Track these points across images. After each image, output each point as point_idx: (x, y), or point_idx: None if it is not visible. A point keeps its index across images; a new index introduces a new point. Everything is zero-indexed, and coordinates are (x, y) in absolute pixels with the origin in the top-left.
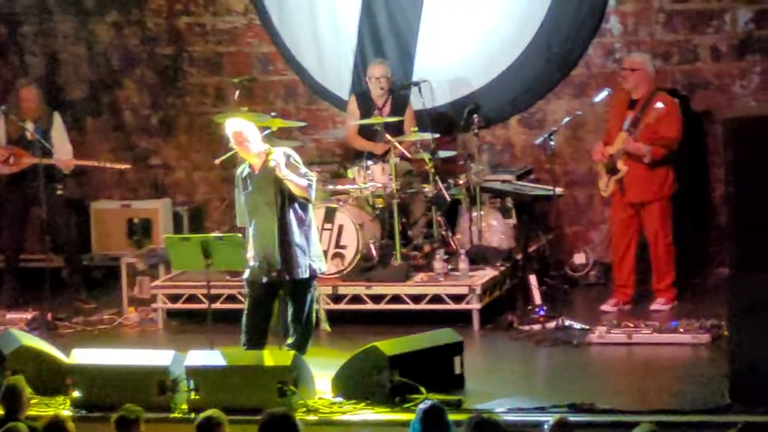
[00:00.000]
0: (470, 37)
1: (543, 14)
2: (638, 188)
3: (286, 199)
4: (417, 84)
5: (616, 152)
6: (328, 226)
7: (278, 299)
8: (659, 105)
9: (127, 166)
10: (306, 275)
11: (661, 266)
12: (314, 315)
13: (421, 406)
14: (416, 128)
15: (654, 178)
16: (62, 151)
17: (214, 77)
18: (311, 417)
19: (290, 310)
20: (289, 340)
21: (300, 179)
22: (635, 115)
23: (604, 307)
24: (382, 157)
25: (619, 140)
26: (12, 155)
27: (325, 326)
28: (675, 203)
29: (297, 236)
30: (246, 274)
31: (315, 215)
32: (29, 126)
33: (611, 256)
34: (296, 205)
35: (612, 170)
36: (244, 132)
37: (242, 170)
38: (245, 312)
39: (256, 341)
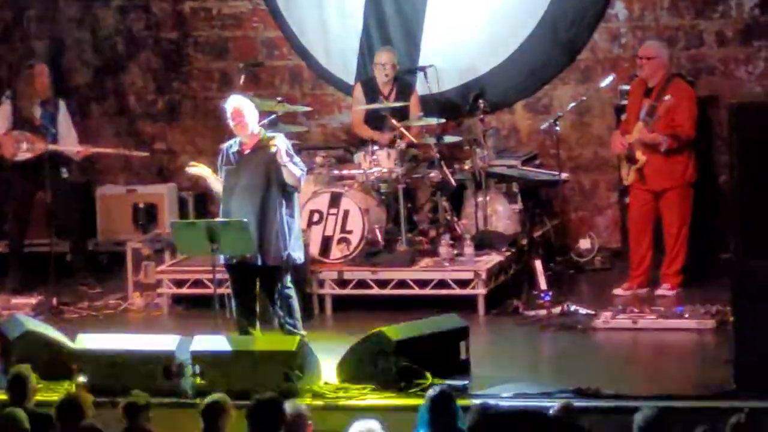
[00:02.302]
0: (476, 22)
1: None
2: (657, 176)
3: (272, 184)
4: (423, 69)
5: (634, 142)
6: (333, 211)
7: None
8: (667, 97)
9: (145, 154)
10: (284, 263)
11: (674, 253)
12: (294, 301)
13: (431, 392)
14: (422, 113)
15: (673, 166)
16: (68, 139)
17: (220, 62)
18: (317, 402)
19: (266, 293)
20: (281, 322)
21: (295, 168)
22: (651, 103)
23: (616, 291)
24: (388, 145)
25: (636, 130)
26: (26, 141)
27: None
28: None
29: (277, 223)
30: (224, 258)
31: (321, 200)
32: (36, 111)
33: (630, 241)
34: (281, 192)
35: (631, 160)
36: (243, 110)
37: (230, 146)
38: (232, 297)
39: (245, 324)
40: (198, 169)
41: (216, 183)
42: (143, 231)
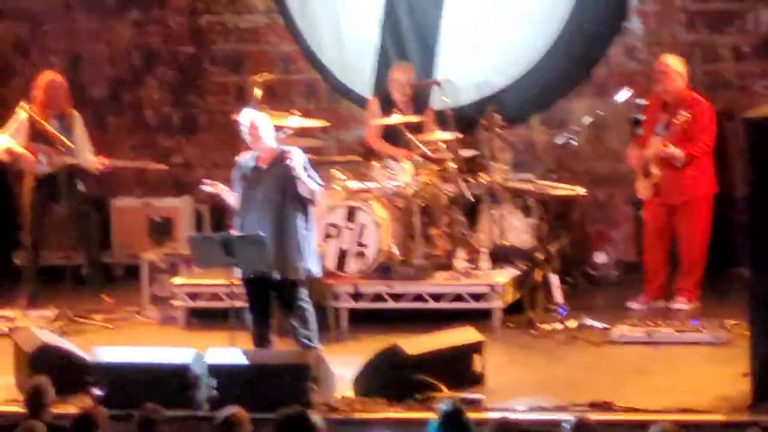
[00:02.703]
0: (492, 37)
1: (565, 14)
2: (673, 190)
3: (288, 198)
4: (439, 84)
5: (651, 156)
6: (349, 225)
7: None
8: (684, 112)
9: (163, 167)
10: (300, 277)
11: (690, 266)
12: (310, 315)
13: (442, 407)
14: (438, 128)
15: (689, 180)
16: (84, 152)
17: (236, 76)
18: (332, 416)
19: (282, 306)
20: (297, 335)
21: (311, 182)
22: (667, 118)
23: (632, 304)
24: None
25: (652, 144)
26: (44, 154)
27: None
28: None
29: (295, 237)
30: (240, 271)
31: (337, 214)
32: (53, 124)
33: (644, 255)
34: (299, 206)
35: (647, 173)
36: (258, 124)
37: (246, 160)
38: (248, 310)
39: (262, 337)
40: (211, 187)
41: (231, 197)
42: (159, 244)
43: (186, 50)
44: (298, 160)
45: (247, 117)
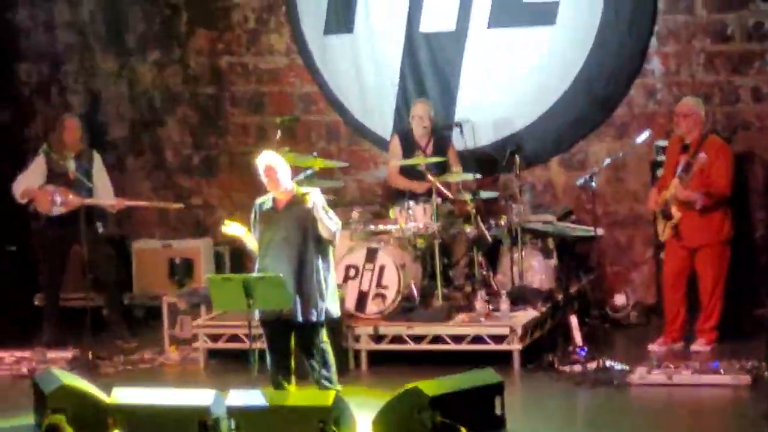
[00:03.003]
0: (512, 78)
1: (585, 55)
2: (693, 233)
3: (308, 238)
4: (459, 124)
5: (670, 198)
6: (369, 266)
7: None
8: (702, 154)
9: (180, 206)
10: (320, 318)
11: (709, 309)
12: (330, 355)
13: None
14: (459, 168)
15: (709, 223)
16: (103, 192)
17: (256, 117)
18: None
19: (302, 348)
20: (316, 376)
21: (331, 222)
22: (687, 160)
23: (651, 347)
24: (424, 198)
25: (672, 186)
26: (59, 196)
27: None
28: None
29: (315, 277)
30: (258, 313)
31: (357, 255)
32: (71, 164)
33: (664, 297)
34: (318, 247)
35: (667, 216)
36: (275, 166)
37: (263, 202)
38: (267, 352)
39: (281, 379)
40: (232, 228)
41: (251, 241)
42: (179, 285)
43: (206, 91)
44: (318, 200)
45: (264, 160)
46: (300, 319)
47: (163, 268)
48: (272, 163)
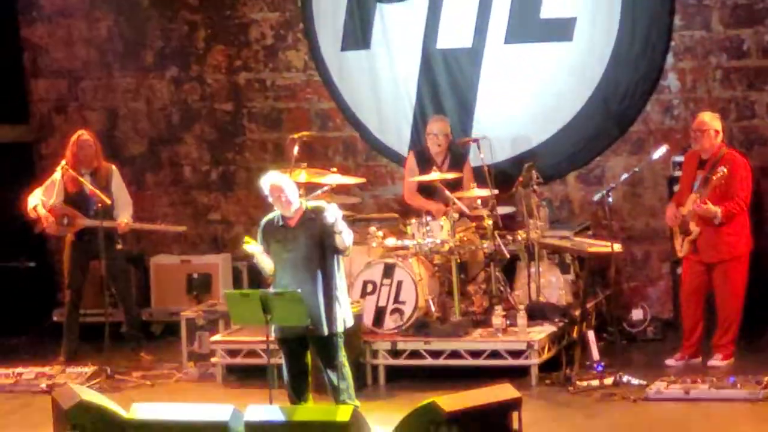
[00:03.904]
0: (529, 94)
1: (601, 71)
2: (711, 248)
3: (324, 254)
4: (476, 140)
5: (688, 213)
6: (386, 281)
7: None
8: (721, 168)
9: (183, 228)
10: (341, 328)
11: (726, 323)
12: (347, 371)
13: None
14: (475, 184)
15: (726, 238)
16: (122, 205)
17: (274, 133)
18: None
19: (323, 362)
20: (334, 391)
21: (347, 236)
22: (705, 175)
23: (668, 362)
24: (442, 213)
25: (690, 201)
26: (65, 216)
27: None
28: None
29: (333, 291)
30: (274, 331)
31: (374, 271)
32: (87, 180)
33: (681, 312)
34: (333, 259)
35: (685, 231)
36: (283, 186)
37: (272, 221)
38: (284, 369)
39: (299, 394)
40: (252, 246)
41: (265, 261)
42: (197, 301)
43: (224, 107)
44: (337, 214)
45: (268, 180)
46: (326, 332)
47: (181, 283)
48: (278, 182)
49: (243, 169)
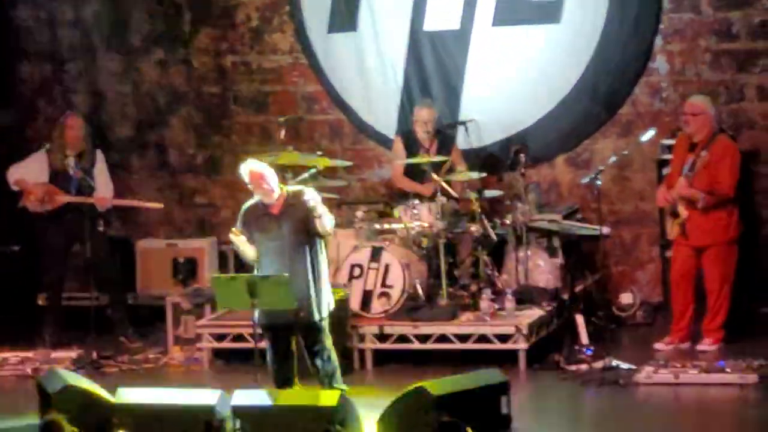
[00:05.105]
0: (517, 77)
1: (590, 53)
2: (699, 232)
3: (308, 239)
4: (463, 123)
5: (677, 196)
6: (374, 265)
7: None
8: (703, 153)
9: (159, 205)
10: (321, 318)
11: (715, 308)
12: (334, 355)
13: None
14: (464, 167)
15: (715, 223)
16: (104, 189)
17: (260, 116)
18: None
19: (310, 347)
20: (321, 376)
21: (327, 218)
22: (694, 158)
23: (658, 346)
24: (429, 197)
25: (678, 184)
26: (46, 194)
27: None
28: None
29: (318, 275)
30: (258, 317)
31: (362, 254)
32: (71, 162)
33: (671, 296)
34: (316, 244)
35: (675, 214)
36: (264, 173)
37: (253, 208)
38: (269, 357)
39: (284, 380)
40: (236, 237)
41: (248, 250)
42: (183, 285)
43: (210, 90)
44: (316, 199)
45: (247, 168)
46: (316, 317)
47: (167, 267)
48: (258, 170)
49: (229, 152)
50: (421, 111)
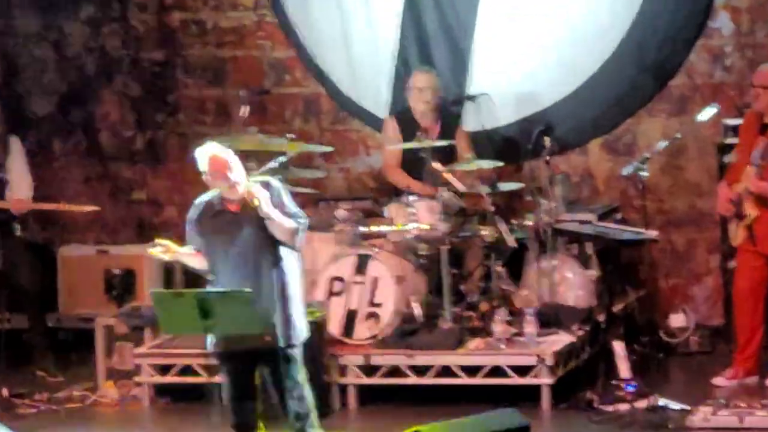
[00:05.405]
0: (541, 42)
1: (634, 12)
2: None
3: (275, 248)
4: (473, 98)
5: (743, 191)
6: (359, 278)
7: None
8: None
9: (95, 208)
10: (294, 342)
11: None
12: (308, 392)
13: None
14: (472, 155)
15: None
16: (20, 187)
17: (215, 89)
18: None
19: (278, 382)
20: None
21: (287, 220)
22: (766, 143)
23: (718, 381)
24: (429, 193)
25: (745, 176)
26: None
27: None
28: None
29: (287, 294)
30: (212, 342)
31: (343, 265)
32: None
33: (735, 317)
34: (287, 255)
35: (739, 215)
36: (228, 160)
37: (209, 207)
38: (226, 394)
39: (246, 426)
40: (161, 249)
41: (192, 259)
42: (118, 303)
43: (153, 56)
44: (262, 195)
45: (206, 151)
46: (283, 344)
47: (97, 281)
48: (221, 155)
49: (176, 134)
50: (418, 76)
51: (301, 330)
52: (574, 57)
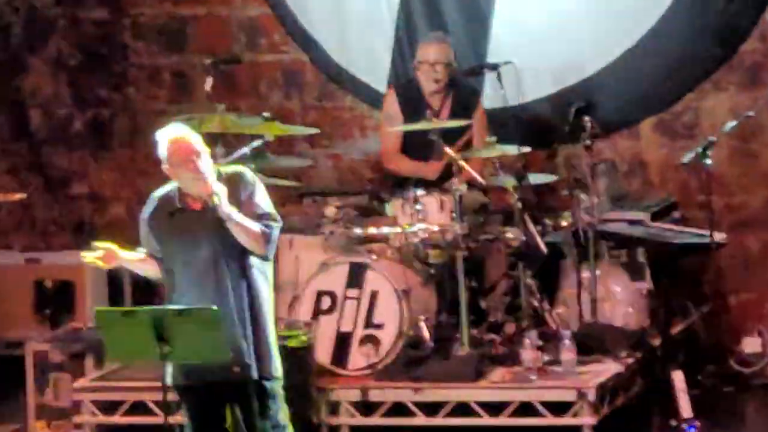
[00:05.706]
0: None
1: None
2: None
3: (246, 255)
4: (495, 67)
5: None
6: (353, 293)
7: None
8: None
9: (21, 196)
10: (265, 377)
11: None
12: (289, 425)
13: None
14: (493, 138)
15: None
16: None
17: (173, 56)
18: None
19: (251, 422)
20: None
21: (252, 223)
22: None
23: None
24: (439, 184)
25: None
26: None
27: None
28: None
29: (262, 314)
30: (171, 375)
31: (334, 276)
32: None
33: None
34: (261, 267)
35: None
36: (194, 146)
37: (166, 203)
38: (186, 428)
39: None
40: (101, 253)
41: (141, 266)
42: (52, 325)
43: (94, 16)
44: (221, 192)
45: (168, 134)
46: (256, 375)
47: (26, 296)
48: (186, 139)
49: (125, 113)
50: (427, 47)
51: (278, 358)
52: (619, 19)
